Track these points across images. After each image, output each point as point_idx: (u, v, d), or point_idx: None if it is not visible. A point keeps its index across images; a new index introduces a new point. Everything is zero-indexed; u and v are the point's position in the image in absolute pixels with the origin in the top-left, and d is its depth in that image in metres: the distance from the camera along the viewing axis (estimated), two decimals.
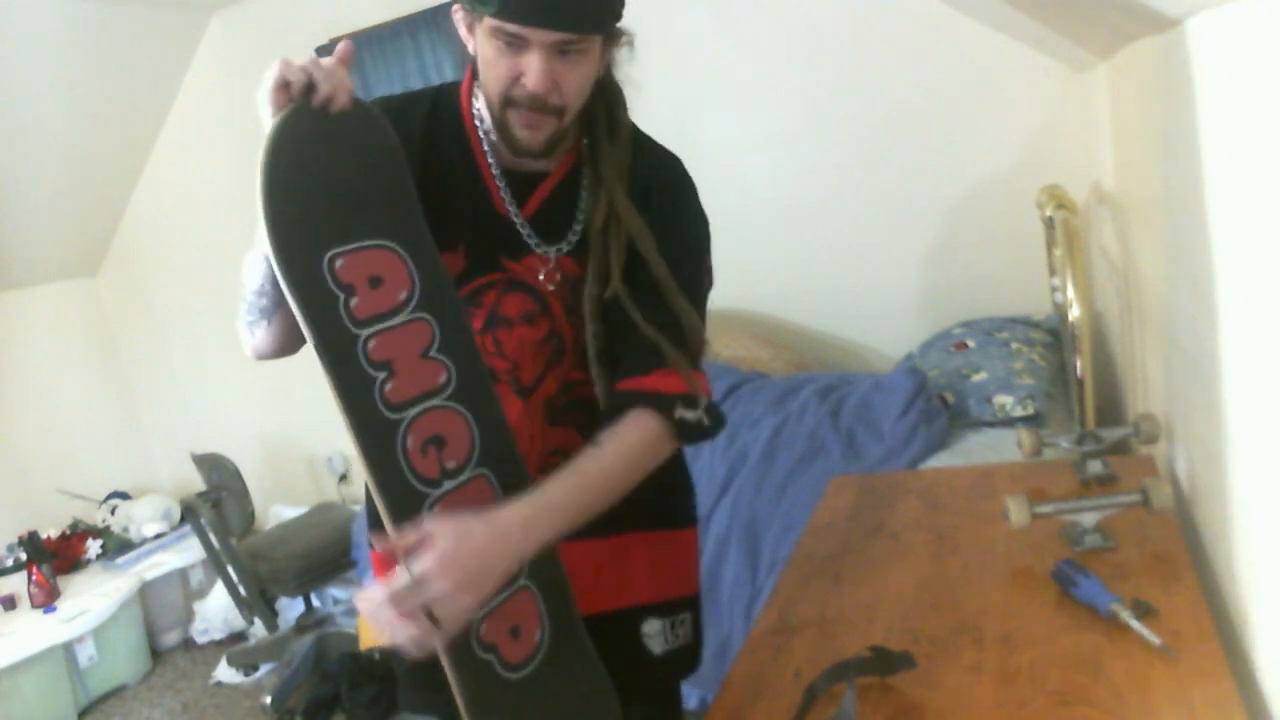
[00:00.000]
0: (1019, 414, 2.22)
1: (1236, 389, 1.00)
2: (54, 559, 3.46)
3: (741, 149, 3.00)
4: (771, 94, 2.95)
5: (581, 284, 1.16)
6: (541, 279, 1.17)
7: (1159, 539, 1.28)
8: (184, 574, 3.74)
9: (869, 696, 1.05)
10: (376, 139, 1.05)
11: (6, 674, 3.02)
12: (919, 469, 2.11)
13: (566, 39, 1.03)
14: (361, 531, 2.85)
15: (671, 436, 1.11)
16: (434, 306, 1.04)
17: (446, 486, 1.03)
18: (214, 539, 3.05)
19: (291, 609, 3.39)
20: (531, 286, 1.18)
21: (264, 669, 3.28)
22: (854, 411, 2.30)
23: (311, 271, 0.97)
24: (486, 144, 1.18)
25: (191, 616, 3.71)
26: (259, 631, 3.33)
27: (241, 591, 3.09)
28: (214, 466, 3.24)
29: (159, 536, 3.76)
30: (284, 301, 0.98)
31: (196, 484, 3.37)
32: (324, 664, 3.05)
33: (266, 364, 1.20)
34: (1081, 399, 1.68)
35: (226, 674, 3.32)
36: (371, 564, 1.32)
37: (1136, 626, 1.05)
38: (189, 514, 3.13)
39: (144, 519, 3.79)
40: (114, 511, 3.88)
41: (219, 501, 3.13)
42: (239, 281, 1.08)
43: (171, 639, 3.69)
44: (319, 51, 0.93)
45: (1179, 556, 1.23)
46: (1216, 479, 1.12)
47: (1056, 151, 2.61)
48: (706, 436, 1.14)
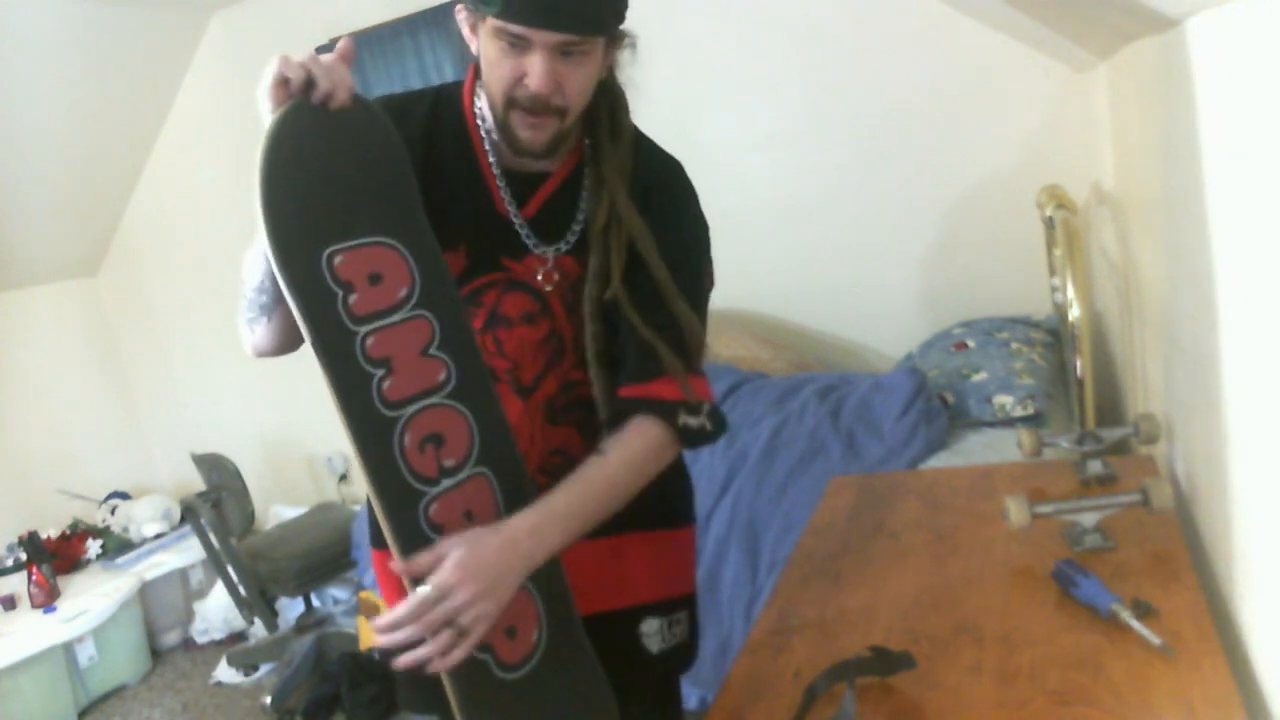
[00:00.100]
0: (1019, 414, 2.22)
1: (1236, 389, 1.00)
2: (54, 559, 3.46)
3: (741, 149, 3.00)
4: (771, 94, 2.95)
5: (582, 284, 1.16)
6: (540, 279, 1.18)
7: (1159, 539, 1.28)
8: (184, 574, 3.74)
9: (869, 696, 1.05)
10: (377, 136, 1.04)
11: (6, 674, 3.02)
12: (919, 469, 2.11)
13: (569, 40, 1.03)
14: (362, 532, 2.85)
15: (675, 442, 1.13)
16: (434, 304, 1.03)
17: (444, 485, 1.02)
18: (214, 539, 3.05)
19: (291, 609, 3.39)
20: (532, 286, 1.18)
21: (264, 669, 3.28)
22: (854, 411, 2.30)
23: (310, 268, 0.97)
24: (488, 144, 1.18)
25: (191, 616, 3.71)
26: (259, 631, 3.33)
27: (241, 591, 3.09)
28: (214, 466, 3.24)
29: (159, 536, 3.76)
30: (284, 298, 0.98)
31: (196, 484, 3.37)
32: (324, 664, 3.05)
33: (266, 363, 1.21)
34: (1081, 399, 1.68)
35: (226, 674, 3.32)
36: (372, 564, 1.32)
37: (1136, 626, 1.05)
38: (189, 514, 3.13)
39: (144, 519, 3.79)
40: (114, 511, 3.88)
41: (219, 501, 3.12)
42: (239, 279, 1.08)
43: (171, 639, 3.68)
44: (319, 51, 0.93)
45: (1179, 556, 1.23)
46: (1216, 479, 1.12)
47: (1056, 151, 2.61)
48: (709, 441, 1.16)
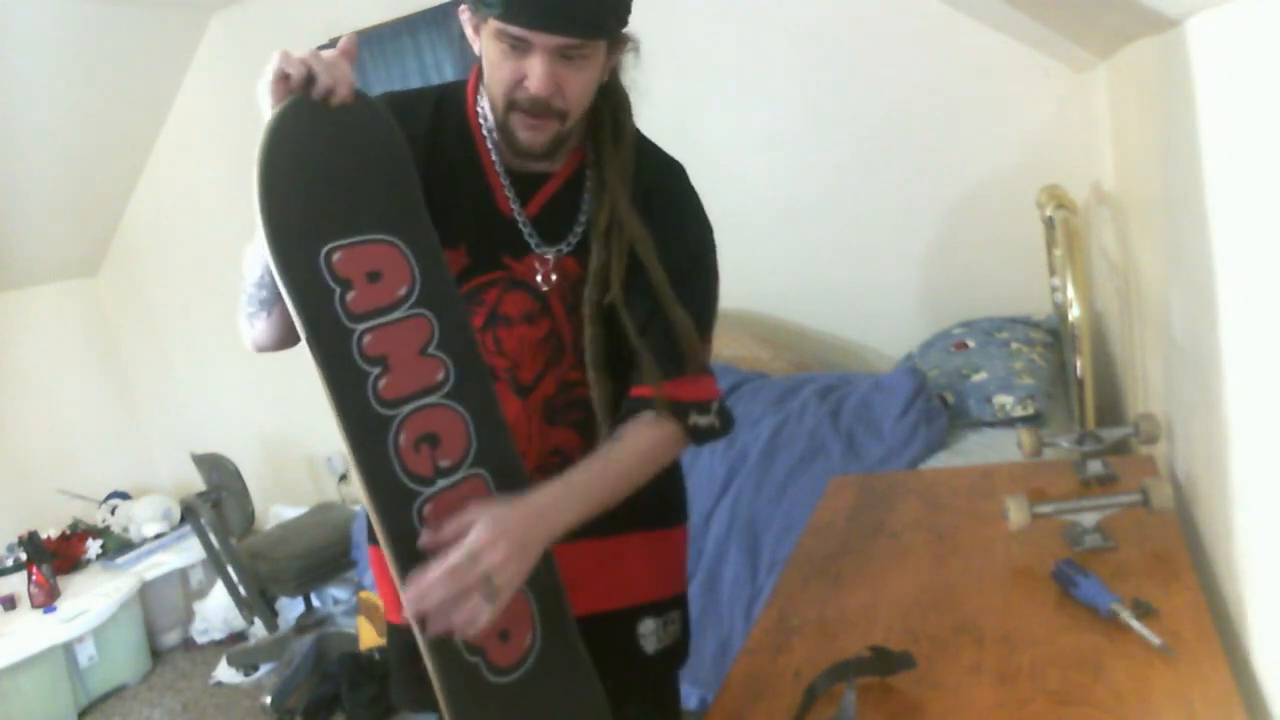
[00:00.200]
0: (1019, 414, 2.22)
1: (1236, 389, 0.99)
2: (54, 559, 3.46)
3: (741, 149, 3.00)
4: (771, 94, 2.95)
5: (582, 285, 1.16)
6: (539, 279, 1.18)
7: (1159, 539, 1.28)
8: (184, 574, 3.74)
9: (869, 696, 1.04)
10: (379, 132, 1.03)
11: (6, 674, 3.02)
12: (919, 469, 2.11)
13: (570, 43, 1.03)
14: (361, 531, 2.84)
15: (685, 439, 1.16)
16: (434, 303, 1.02)
17: (440, 485, 1.01)
18: (214, 539, 3.05)
19: (291, 609, 3.39)
20: (532, 286, 1.18)
21: (264, 669, 3.28)
22: (854, 411, 2.30)
23: (308, 265, 0.96)
24: (490, 143, 1.18)
25: (191, 616, 3.71)
26: (259, 631, 3.33)
27: (241, 591, 3.09)
28: (214, 466, 3.24)
29: (159, 536, 3.76)
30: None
31: (196, 484, 3.37)
32: (324, 664, 3.05)
33: (267, 363, 1.21)
34: (1081, 399, 1.68)
35: (226, 674, 3.32)
36: (371, 564, 1.31)
37: (1136, 626, 1.04)
38: (189, 514, 3.13)
39: (144, 519, 3.79)
40: (114, 511, 3.89)
41: (219, 501, 3.12)
42: (239, 274, 1.07)
43: (171, 639, 3.69)
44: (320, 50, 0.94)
45: (1179, 556, 1.23)
46: (1216, 479, 1.12)
47: (1056, 151, 2.61)
48: (718, 437, 1.20)
